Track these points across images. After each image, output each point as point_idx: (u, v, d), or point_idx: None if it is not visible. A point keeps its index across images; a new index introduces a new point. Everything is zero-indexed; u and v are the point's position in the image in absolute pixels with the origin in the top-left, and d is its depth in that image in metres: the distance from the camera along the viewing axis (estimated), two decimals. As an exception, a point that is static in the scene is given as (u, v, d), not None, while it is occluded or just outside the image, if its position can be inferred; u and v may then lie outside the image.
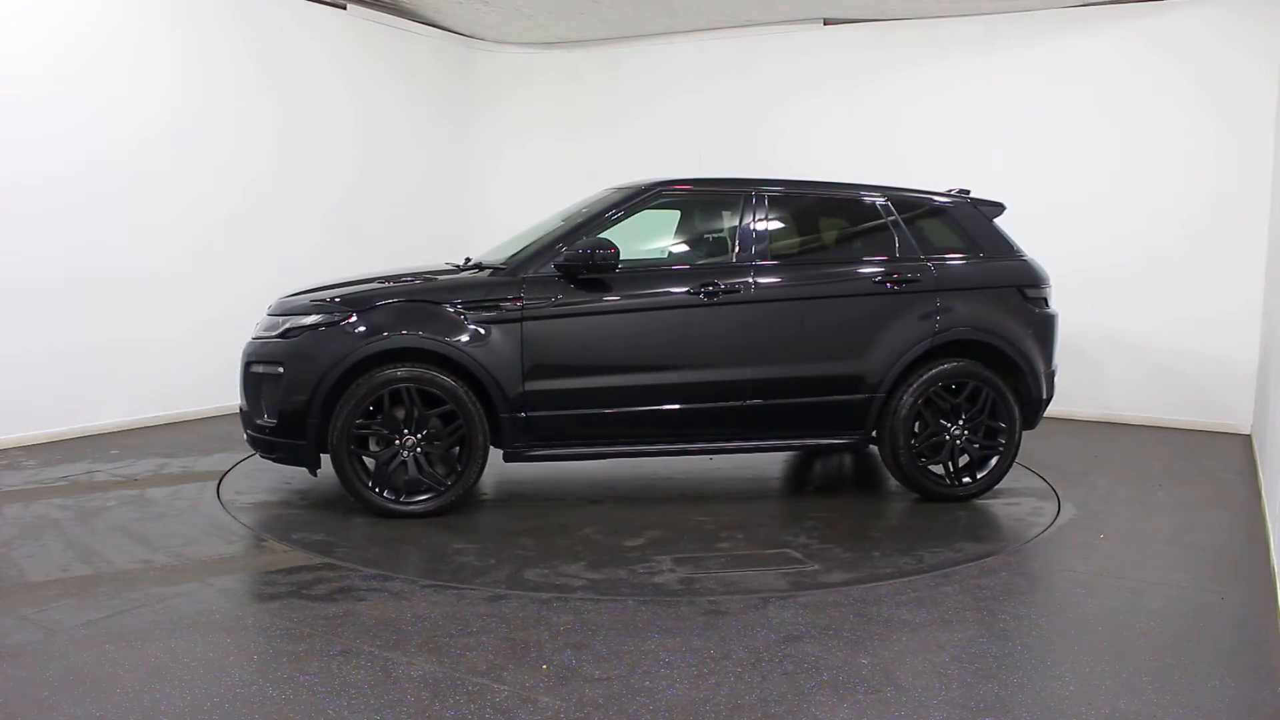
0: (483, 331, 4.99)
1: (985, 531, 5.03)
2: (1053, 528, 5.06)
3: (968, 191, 5.81)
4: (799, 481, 6.17)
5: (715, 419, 5.30)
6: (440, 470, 5.07)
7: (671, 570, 4.31)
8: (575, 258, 5.04)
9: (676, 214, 5.88)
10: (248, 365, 5.20)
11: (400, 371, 4.92)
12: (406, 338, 4.93)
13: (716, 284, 5.22)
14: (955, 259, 5.57)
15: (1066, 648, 3.62)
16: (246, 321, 7.00)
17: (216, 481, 5.68)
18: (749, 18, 8.91)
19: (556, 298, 5.08)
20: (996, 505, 5.44)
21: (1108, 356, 7.94)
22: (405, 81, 9.34)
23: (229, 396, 7.66)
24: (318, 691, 3.08)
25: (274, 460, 5.23)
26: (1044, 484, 5.91)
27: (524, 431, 5.08)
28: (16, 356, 6.40)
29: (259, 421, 5.12)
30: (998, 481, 5.52)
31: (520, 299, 5.04)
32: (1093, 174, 7.97)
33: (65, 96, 6.57)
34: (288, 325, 5.07)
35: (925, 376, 5.36)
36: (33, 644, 3.41)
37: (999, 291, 5.54)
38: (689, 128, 9.41)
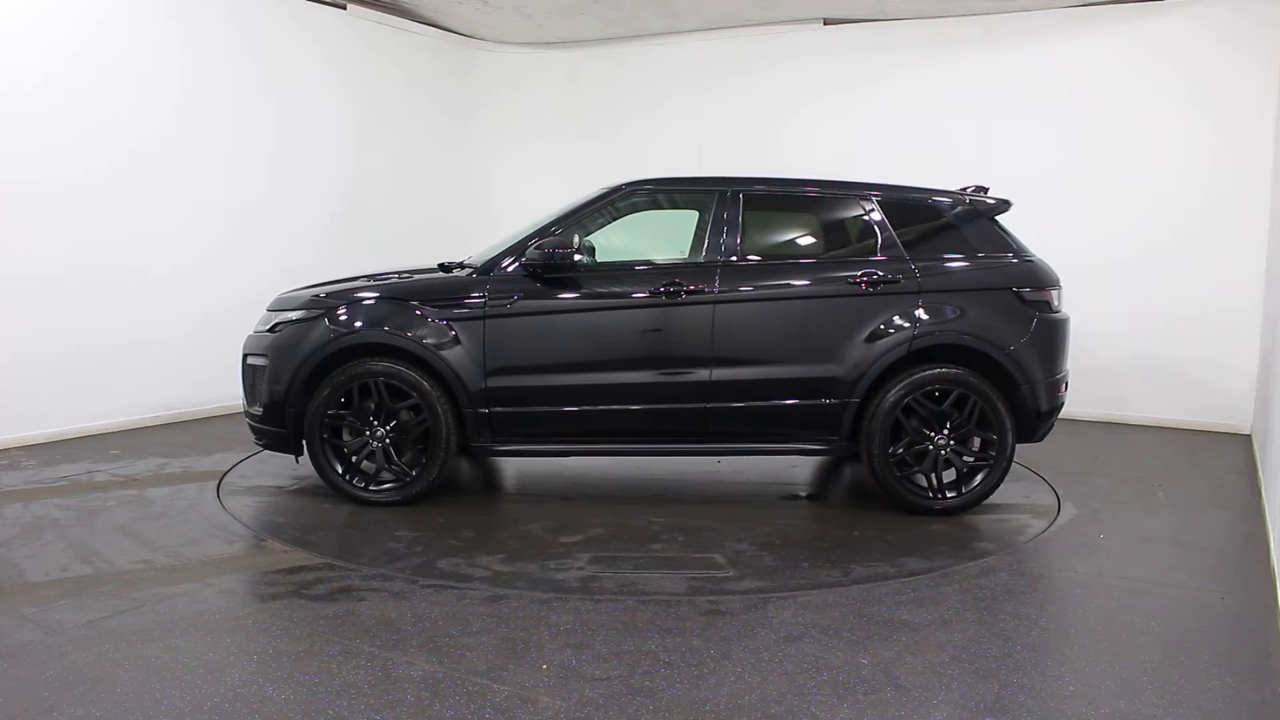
0: (447, 328, 5.16)
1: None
2: (1053, 528, 5.06)
3: (985, 189, 5.59)
4: (810, 488, 6.09)
5: (677, 420, 5.22)
6: (410, 461, 5.23)
7: (581, 568, 4.32)
8: (535, 257, 5.13)
9: (650, 214, 5.82)
10: (245, 357, 5.50)
11: (367, 366, 5.15)
12: (373, 333, 5.16)
13: (679, 284, 5.17)
14: (944, 259, 5.31)
15: (1066, 648, 3.62)
16: (247, 321, 7.02)
17: (216, 481, 5.68)
18: (749, 18, 8.92)
19: (517, 296, 5.18)
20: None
21: (1108, 356, 7.94)
22: (405, 81, 9.35)
23: (229, 396, 7.69)
24: (318, 691, 3.08)
25: (264, 447, 5.50)
26: (1044, 483, 5.91)
27: (487, 426, 5.21)
28: (16, 356, 6.41)
29: (251, 410, 5.44)
30: (985, 497, 5.24)
31: (483, 297, 5.17)
32: (1092, 173, 7.98)
33: (65, 96, 6.57)
34: (276, 320, 5.37)
35: (903, 382, 5.12)
36: (33, 644, 3.41)
37: (991, 294, 5.23)
38: (689, 128, 9.41)
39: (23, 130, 6.37)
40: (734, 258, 5.26)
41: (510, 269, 5.25)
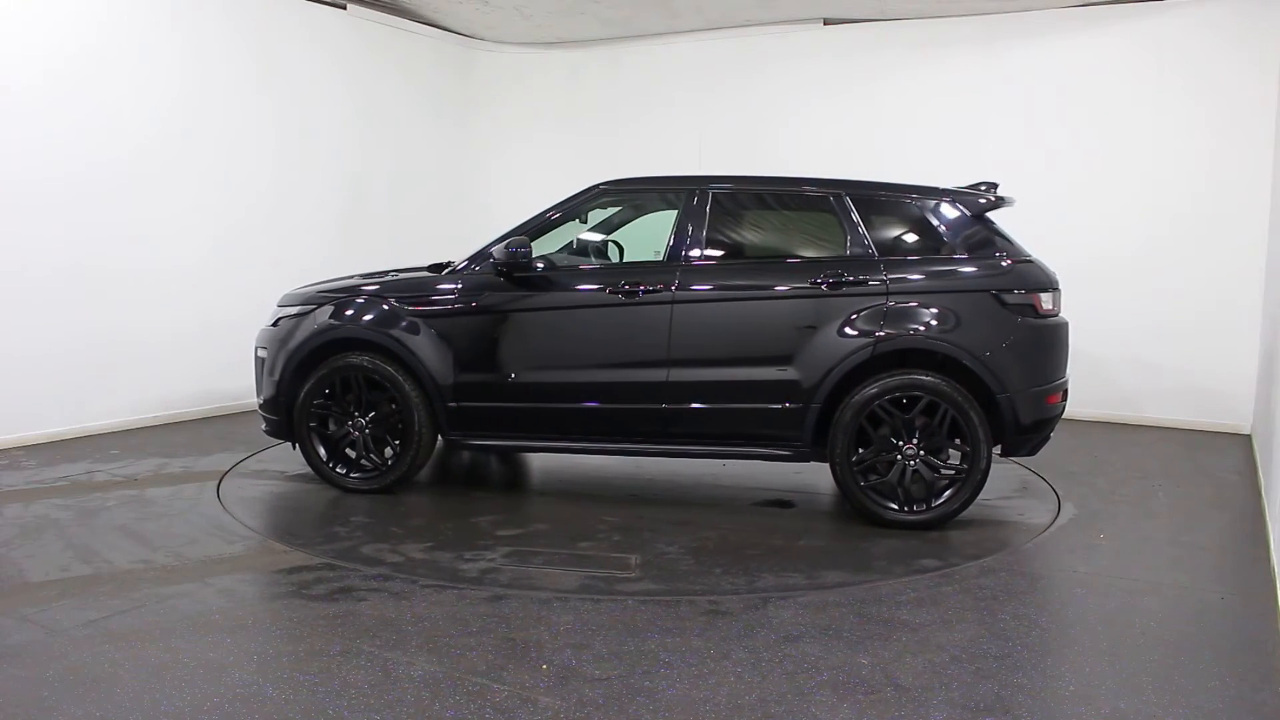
0: (422, 325, 5.34)
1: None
2: (1053, 528, 5.06)
3: (995, 185, 5.32)
4: (801, 495, 5.97)
5: (636, 420, 5.18)
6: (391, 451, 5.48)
7: (490, 560, 4.41)
8: (501, 257, 5.21)
9: (623, 213, 5.84)
10: (256, 350, 5.79)
11: (348, 359, 5.40)
12: (352, 329, 5.42)
13: (638, 284, 5.14)
14: (918, 259, 5.06)
15: (1066, 648, 3.62)
16: (247, 320, 7.03)
17: (216, 481, 5.68)
18: (749, 18, 8.91)
19: (485, 295, 5.31)
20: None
21: (1108, 356, 7.93)
22: (405, 81, 9.35)
23: (229, 396, 7.70)
24: (318, 691, 3.08)
25: (267, 434, 5.76)
26: (1044, 484, 5.91)
27: (458, 420, 5.33)
28: (16, 356, 6.40)
29: (258, 399, 5.71)
30: (956, 513, 4.93)
31: (454, 296, 5.33)
32: (1092, 173, 7.97)
33: (65, 96, 6.57)
34: (279, 315, 5.68)
35: (868, 387, 4.89)
36: (33, 644, 3.41)
37: (967, 296, 4.92)
38: (689, 128, 9.41)
39: (23, 130, 6.36)
40: (696, 257, 5.19)
41: (480, 269, 5.37)
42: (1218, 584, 4.32)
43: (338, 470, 5.49)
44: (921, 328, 4.92)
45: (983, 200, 5.18)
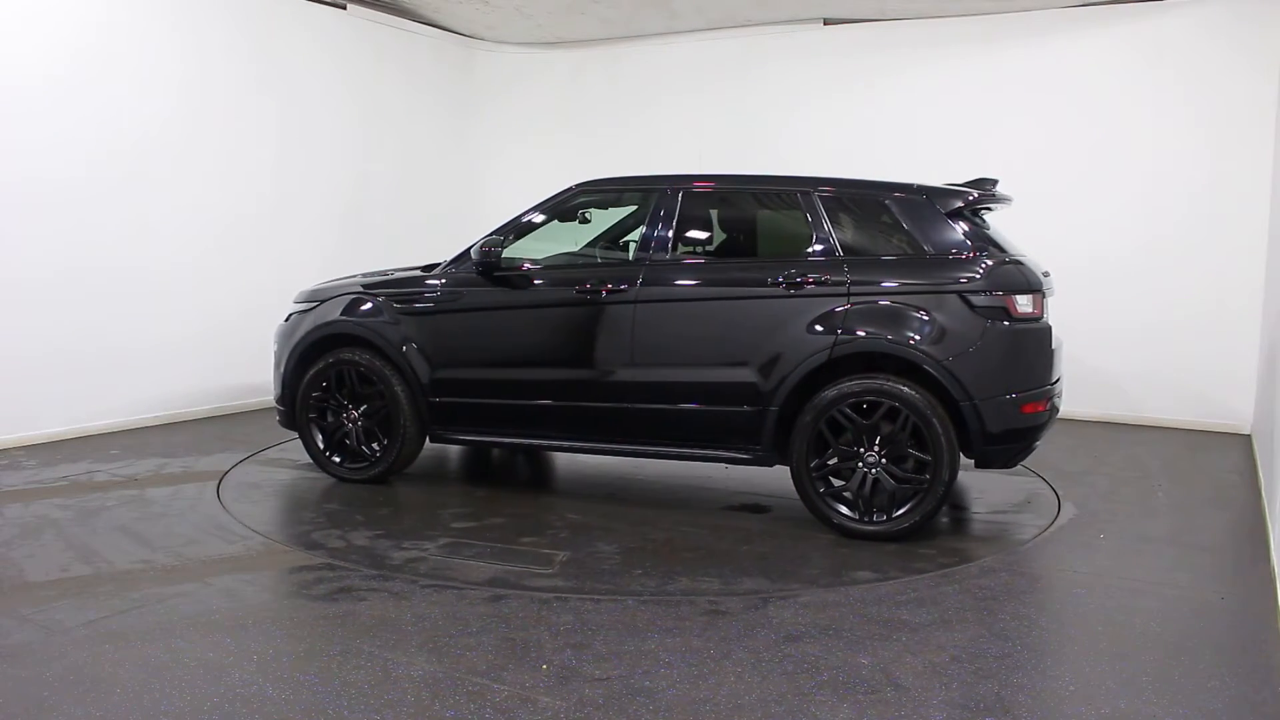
0: (406, 322, 5.53)
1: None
2: (1053, 528, 5.05)
3: (995, 182, 5.18)
4: (783, 500, 5.91)
5: (599, 419, 5.19)
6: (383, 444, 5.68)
7: (423, 550, 4.52)
8: (477, 257, 5.36)
9: (605, 213, 5.84)
10: (273, 345, 6.04)
11: (341, 355, 5.62)
12: (344, 325, 5.64)
13: (603, 284, 5.13)
14: (884, 258, 4.87)
15: (1066, 648, 3.62)
16: (247, 321, 7.02)
17: (216, 481, 5.68)
18: (749, 18, 8.91)
19: (463, 294, 5.45)
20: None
21: (1107, 356, 7.94)
22: (406, 81, 9.35)
23: (229, 396, 7.71)
24: (318, 691, 3.08)
25: (280, 425, 5.99)
26: (1044, 484, 5.91)
27: (437, 416, 5.52)
28: (17, 357, 6.40)
29: (275, 393, 5.96)
30: (919, 525, 4.68)
31: (436, 294, 5.51)
32: (1092, 173, 7.97)
33: (65, 96, 6.57)
34: (290, 312, 5.96)
35: (827, 392, 4.73)
36: (33, 644, 3.41)
37: (933, 298, 4.68)
38: (689, 128, 9.40)
39: (24, 130, 6.36)
40: (661, 257, 5.17)
41: (462, 268, 5.50)
42: (1218, 584, 4.32)
43: (333, 460, 5.71)
44: (881, 330, 4.72)
45: (968, 197, 4.96)
